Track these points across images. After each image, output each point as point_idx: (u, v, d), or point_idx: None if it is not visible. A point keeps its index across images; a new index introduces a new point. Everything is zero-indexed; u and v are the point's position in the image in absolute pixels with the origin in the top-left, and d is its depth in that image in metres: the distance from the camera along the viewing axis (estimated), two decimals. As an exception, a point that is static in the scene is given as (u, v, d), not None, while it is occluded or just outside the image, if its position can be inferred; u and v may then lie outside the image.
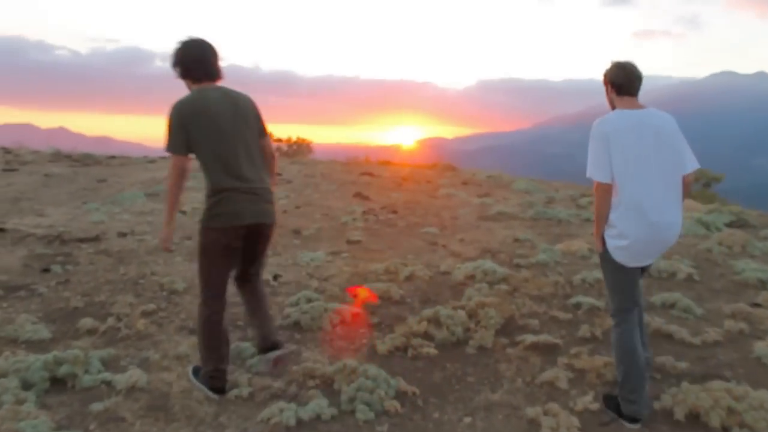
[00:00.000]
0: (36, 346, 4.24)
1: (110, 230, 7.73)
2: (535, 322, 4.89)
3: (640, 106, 3.60)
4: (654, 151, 3.48)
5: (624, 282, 3.64)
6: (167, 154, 3.56)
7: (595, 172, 3.51)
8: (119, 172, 13.30)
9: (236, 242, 3.61)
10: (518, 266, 6.49)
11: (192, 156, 3.55)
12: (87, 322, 4.58)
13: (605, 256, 3.63)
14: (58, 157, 16.51)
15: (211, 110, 3.55)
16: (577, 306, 5.28)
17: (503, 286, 5.62)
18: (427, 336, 4.55)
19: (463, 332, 4.60)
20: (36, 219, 8.36)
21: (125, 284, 5.66)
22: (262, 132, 3.78)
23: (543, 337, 4.51)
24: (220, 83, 3.71)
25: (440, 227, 8.44)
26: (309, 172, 14.59)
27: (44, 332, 4.38)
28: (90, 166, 14.65)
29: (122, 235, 7.57)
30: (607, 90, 3.72)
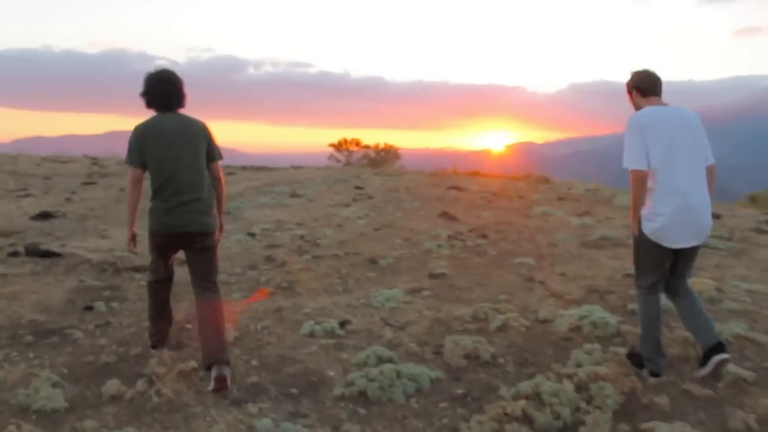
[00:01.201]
0: (48, 418, 3.53)
1: (172, 256, 7.10)
2: (663, 400, 3.81)
3: (666, 104, 4.11)
4: (685, 140, 3.93)
5: (657, 262, 4.06)
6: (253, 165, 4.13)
7: (632, 161, 3.92)
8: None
9: (165, 246, 4.31)
10: (633, 313, 5.40)
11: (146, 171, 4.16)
12: (113, 385, 3.84)
13: (642, 239, 4.03)
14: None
15: (163, 134, 4.15)
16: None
17: (620, 349, 4.54)
18: (525, 418, 3.59)
19: (571, 414, 3.61)
20: (97, 241, 7.88)
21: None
22: (212, 155, 4.34)
23: (678, 427, 3.47)
24: (181, 110, 4.34)
25: (536, 257, 7.40)
26: (392, 186, 13.78)
27: (60, 400, 3.66)
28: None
29: (182, 262, 6.92)
30: (631, 97, 4.23)
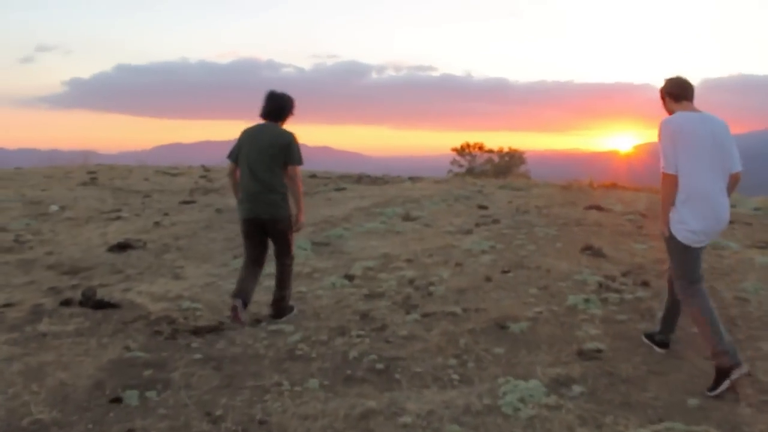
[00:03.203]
0: None
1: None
2: None
3: (697, 110, 4.36)
4: (711, 147, 4.18)
5: (692, 260, 4.37)
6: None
7: (664, 165, 4.23)
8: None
9: (249, 230, 5.58)
10: None
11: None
12: None
13: (673, 240, 4.34)
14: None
15: (252, 138, 5.47)
16: None
17: None
18: None
19: None
20: (167, 284, 6.69)
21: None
22: (289, 159, 5.41)
23: None
24: (280, 122, 5.62)
25: (723, 320, 5.45)
26: (521, 204, 11.96)
27: None
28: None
29: (255, 322, 5.53)
30: (664, 102, 4.53)
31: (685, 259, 4.36)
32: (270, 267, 6.04)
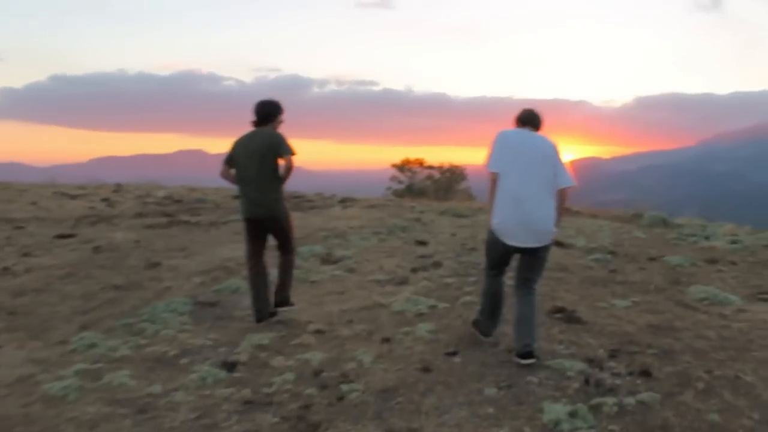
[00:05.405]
0: None
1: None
2: None
3: (535, 132, 5.02)
4: (535, 160, 4.76)
5: (495, 251, 4.93)
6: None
7: (487, 164, 4.90)
8: (199, 238, 9.33)
9: (252, 229, 5.97)
10: None
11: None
12: None
13: (489, 228, 4.91)
14: (145, 207, 13.04)
15: (245, 144, 5.78)
16: None
17: None
18: None
19: None
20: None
21: None
22: (279, 154, 5.72)
23: None
24: (270, 125, 5.91)
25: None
26: (466, 237, 10.09)
27: None
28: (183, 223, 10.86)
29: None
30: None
31: (489, 245, 5.00)
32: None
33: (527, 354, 4.70)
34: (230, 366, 4.91)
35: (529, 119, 5.04)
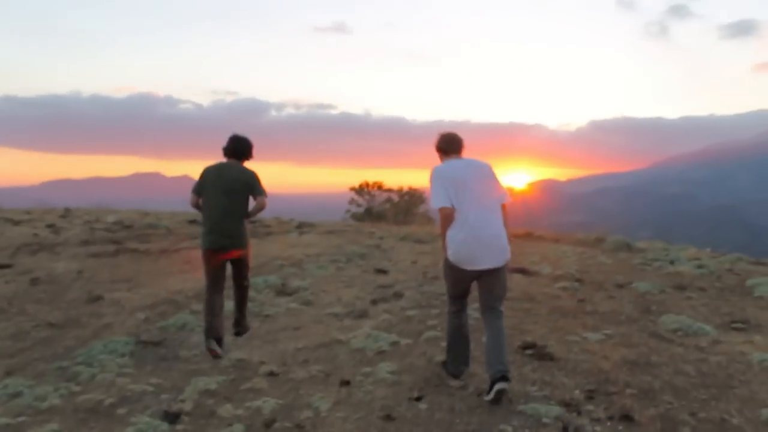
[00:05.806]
0: None
1: None
2: None
3: (462, 158, 5.02)
4: (475, 185, 4.75)
5: (455, 280, 4.86)
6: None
7: (439, 202, 4.73)
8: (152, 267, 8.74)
9: (214, 260, 5.82)
10: None
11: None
12: None
13: (445, 260, 4.84)
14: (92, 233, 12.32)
15: (216, 175, 5.83)
16: None
17: None
18: None
19: None
20: None
21: None
22: (252, 194, 5.88)
23: None
24: (241, 161, 6.04)
25: None
26: (428, 265, 9.67)
27: None
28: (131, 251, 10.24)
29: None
30: (439, 154, 5.09)
31: (448, 275, 4.91)
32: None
33: (502, 378, 4.48)
34: (173, 417, 4.39)
35: (450, 145, 5.03)
